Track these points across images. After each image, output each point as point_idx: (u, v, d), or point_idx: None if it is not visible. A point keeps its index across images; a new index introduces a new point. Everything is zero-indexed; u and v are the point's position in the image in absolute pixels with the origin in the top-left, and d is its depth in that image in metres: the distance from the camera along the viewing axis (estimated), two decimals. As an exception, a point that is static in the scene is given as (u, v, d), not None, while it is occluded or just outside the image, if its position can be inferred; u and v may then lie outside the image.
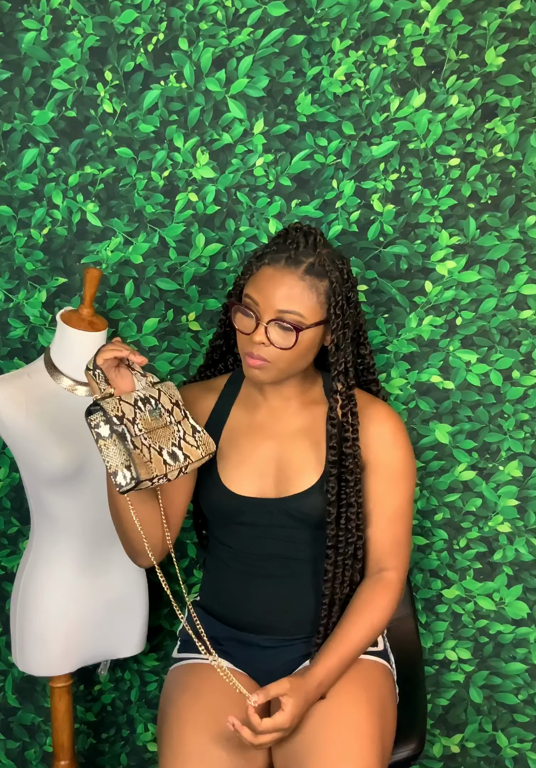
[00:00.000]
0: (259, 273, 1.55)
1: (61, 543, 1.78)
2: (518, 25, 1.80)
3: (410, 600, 1.89)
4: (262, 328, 1.52)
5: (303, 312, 1.52)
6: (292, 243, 1.54)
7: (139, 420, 1.45)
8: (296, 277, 1.52)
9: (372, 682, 1.60)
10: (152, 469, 1.43)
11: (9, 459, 2.00)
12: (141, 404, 1.46)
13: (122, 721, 2.14)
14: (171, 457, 1.47)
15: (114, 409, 1.43)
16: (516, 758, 2.05)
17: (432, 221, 1.87)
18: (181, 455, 1.48)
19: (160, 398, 1.49)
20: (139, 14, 1.83)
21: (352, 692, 1.54)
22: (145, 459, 1.43)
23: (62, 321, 1.77)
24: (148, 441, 1.45)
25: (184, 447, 1.49)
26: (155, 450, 1.45)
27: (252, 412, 1.67)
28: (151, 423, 1.47)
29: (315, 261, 1.53)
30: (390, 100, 1.84)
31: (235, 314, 1.57)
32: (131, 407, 1.45)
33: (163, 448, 1.47)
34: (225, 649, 1.66)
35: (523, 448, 1.93)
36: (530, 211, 1.86)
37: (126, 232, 1.91)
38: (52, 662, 1.82)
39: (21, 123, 1.87)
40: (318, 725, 1.49)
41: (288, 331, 1.52)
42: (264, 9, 1.82)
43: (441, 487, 1.96)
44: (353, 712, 1.51)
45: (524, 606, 1.98)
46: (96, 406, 1.43)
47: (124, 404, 1.44)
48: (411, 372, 1.93)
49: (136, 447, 1.43)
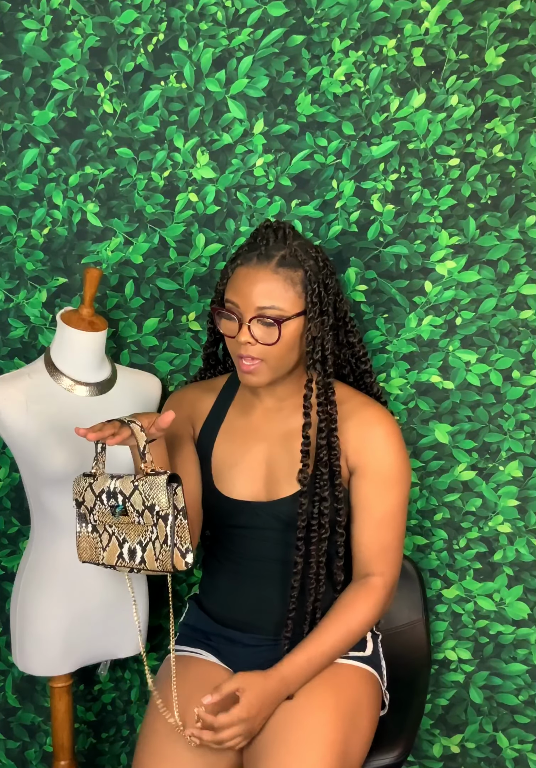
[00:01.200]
0: (234, 275, 1.56)
1: (61, 543, 1.78)
2: (518, 25, 1.80)
3: (423, 606, 1.88)
4: (245, 327, 1.53)
5: (281, 305, 1.53)
6: (262, 240, 1.56)
7: (96, 511, 1.51)
8: (269, 271, 1.53)
9: (345, 688, 1.58)
10: (100, 556, 1.53)
11: (9, 459, 2.00)
12: (105, 497, 1.49)
13: (122, 721, 2.14)
14: (129, 554, 1.50)
15: (77, 493, 1.52)
16: (517, 759, 2.05)
17: (432, 221, 1.87)
18: (139, 556, 1.49)
19: (131, 497, 1.47)
20: (139, 14, 1.83)
21: (320, 696, 1.53)
22: (98, 545, 1.52)
23: (62, 321, 1.77)
24: (112, 529, 1.51)
25: (147, 550, 1.48)
26: (117, 540, 1.51)
27: (247, 415, 1.67)
28: (110, 517, 1.50)
29: (287, 253, 1.55)
30: (390, 101, 1.84)
31: (219, 320, 1.58)
32: (93, 497, 1.51)
33: (127, 542, 1.50)
34: (212, 645, 1.68)
35: (523, 448, 1.93)
36: (530, 211, 1.86)
37: (126, 233, 1.92)
38: (52, 662, 1.82)
39: (21, 123, 1.87)
40: (278, 726, 1.49)
41: (270, 326, 1.53)
42: (264, 9, 1.82)
43: (440, 487, 1.96)
44: (316, 716, 1.50)
45: (524, 606, 1.98)
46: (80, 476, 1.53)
47: (89, 492, 1.51)
48: (411, 372, 1.93)
49: (95, 531, 1.52)
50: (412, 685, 1.79)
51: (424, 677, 1.84)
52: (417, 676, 1.82)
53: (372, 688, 1.64)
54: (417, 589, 1.88)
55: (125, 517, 1.48)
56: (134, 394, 1.85)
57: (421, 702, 1.79)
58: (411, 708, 1.73)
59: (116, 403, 1.82)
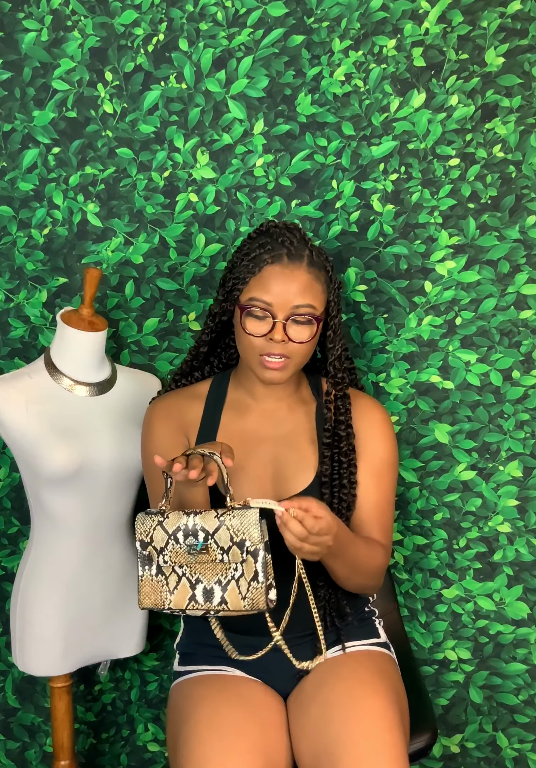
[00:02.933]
0: (265, 273, 1.55)
1: (61, 543, 1.78)
2: (518, 25, 1.80)
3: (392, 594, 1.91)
4: (280, 326, 1.53)
5: (314, 303, 1.55)
6: (283, 239, 1.56)
7: (168, 551, 1.39)
8: (303, 270, 1.55)
9: (385, 672, 1.60)
10: (165, 600, 1.40)
11: (9, 459, 2.00)
12: (181, 535, 1.39)
13: (122, 721, 2.14)
14: (204, 595, 1.39)
15: (143, 533, 1.40)
16: (517, 759, 2.05)
17: (432, 221, 1.88)
18: (217, 596, 1.39)
19: (215, 532, 1.38)
20: (139, 15, 1.83)
21: (371, 682, 1.54)
22: (164, 588, 1.40)
23: (62, 321, 1.78)
24: (182, 570, 1.40)
25: (229, 590, 1.39)
26: (188, 581, 1.40)
27: (243, 417, 1.66)
28: (185, 557, 1.39)
29: (312, 252, 1.57)
30: (390, 101, 1.84)
31: (245, 319, 1.55)
32: (166, 536, 1.39)
33: (201, 582, 1.39)
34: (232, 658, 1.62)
35: (523, 448, 1.93)
36: (530, 211, 1.86)
37: (126, 233, 1.92)
38: (52, 662, 1.82)
39: (21, 123, 1.87)
40: (343, 718, 1.47)
41: (304, 325, 1.55)
42: (264, 9, 1.82)
43: (440, 487, 1.96)
44: (376, 703, 1.49)
45: (524, 606, 1.98)
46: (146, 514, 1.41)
47: (159, 530, 1.39)
48: (411, 372, 1.93)
49: (161, 573, 1.40)
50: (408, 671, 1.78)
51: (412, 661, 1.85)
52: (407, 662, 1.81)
53: (398, 671, 1.67)
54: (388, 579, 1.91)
55: (204, 555, 1.39)
56: (134, 394, 1.85)
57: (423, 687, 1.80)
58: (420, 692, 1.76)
59: (116, 404, 1.82)
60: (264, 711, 1.54)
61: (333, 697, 1.52)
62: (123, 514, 1.84)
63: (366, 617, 1.71)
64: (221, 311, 1.64)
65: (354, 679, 1.55)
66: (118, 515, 1.82)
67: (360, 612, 1.70)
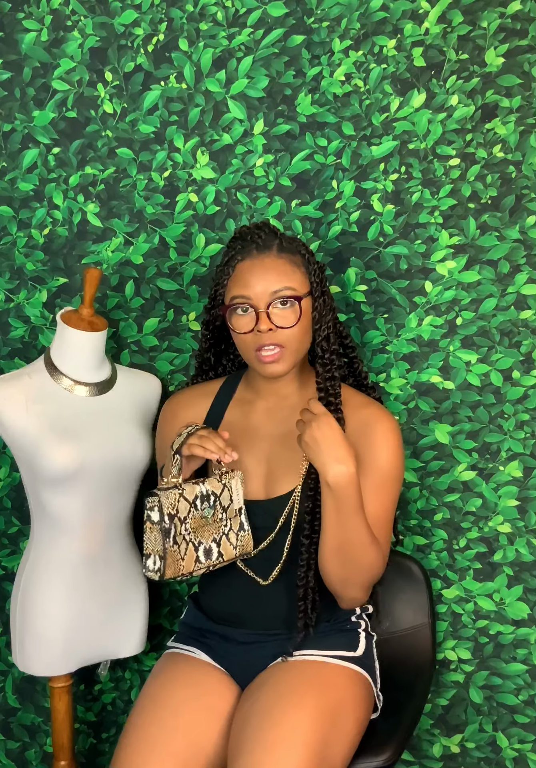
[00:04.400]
0: (238, 271, 1.58)
1: (61, 542, 1.78)
2: (518, 25, 1.80)
3: (429, 609, 1.86)
4: (264, 315, 1.54)
5: (293, 285, 1.56)
6: (252, 236, 1.59)
7: (189, 519, 1.51)
8: (273, 256, 1.57)
9: (329, 687, 1.56)
10: (181, 567, 1.50)
11: (9, 459, 2.00)
12: (199, 502, 1.52)
13: (122, 721, 2.14)
14: (205, 554, 1.53)
15: (170, 506, 1.48)
16: (517, 759, 2.05)
17: (432, 221, 1.87)
18: (215, 552, 1.54)
19: (221, 494, 1.55)
20: (139, 15, 1.83)
21: (300, 695, 1.51)
22: (178, 557, 1.50)
23: (62, 321, 1.78)
24: (189, 536, 1.52)
25: (222, 544, 1.55)
26: (193, 545, 1.52)
27: (247, 414, 1.67)
28: (200, 521, 1.52)
29: (282, 240, 1.59)
30: (390, 101, 1.84)
31: (230, 318, 1.58)
32: (188, 505, 1.51)
33: (202, 543, 1.53)
34: (207, 642, 1.69)
35: (523, 448, 1.93)
36: (530, 211, 1.86)
37: (126, 233, 1.92)
38: (52, 662, 1.82)
39: (21, 123, 1.87)
40: (257, 724, 1.48)
41: (289, 307, 1.55)
42: (264, 9, 1.82)
43: (441, 487, 1.96)
44: (295, 716, 1.47)
45: (524, 606, 1.98)
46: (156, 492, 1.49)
47: (182, 501, 1.50)
48: (411, 372, 1.93)
49: (175, 543, 1.49)
50: (411, 688, 1.76)
51: (425, 682, 1.81)
52: (417, 680, 1.79)
53: (360, 689, 1.61)
54: (424, 591, 1.87)
55: (211, 516, 1.53)
56: (134, 394, 1.85)
57: (419, 707, 1.75)
58: (406, 712, 1.69)
59: (116, 403, 1.82)
60: (210, 696, 1.58)
61: (262, 700, 1.53)
62: (123, 514, 1.84)
63: (348, 628, 1.68)
64: (212, 318, 1.69)
65: (286, 686, 1.54)
66: (118, 515, 1.82)
67: (341, 621, 1.67)
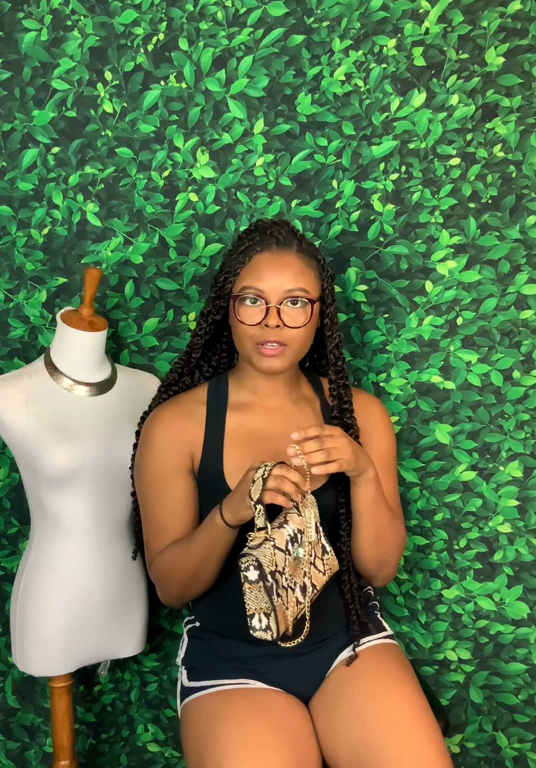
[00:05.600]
0: (254, 262, 1.55)
1: (61, 543, 1.78)
2: (518, 25, 1.80)
3: None
4: (274, 311, 1.52)
5: (307, 287, 1.55)
6: (272, 230, 1.57)
7: (287, 567, 1.39)
8: (293, 255, 1.56)
9: (404, 662, 1.62)
10: (287, 617, 1.38)
11: (9, 459, 2.00)
12: (290, 546, 1.39)
13: (122, 722, 2.14)
14: (302, 592, 1.41)
15: (269, 563, 1.36)
16: (516, 758, 2.05)
17: (433, 221, 1.87)
18: (309, 586, 1.42)
19: (304, 531, 1.41)
20: (139, 14, 1.83)
21: (395, 672, 1.55)
22: (284, 608, 1.38)
23: (62, 321, 1.77)
24: (287, 582, 1.39)
25: (313, 575, 1.43)
26: (290, 589, 1.40)
27: (248, 416, 1.63)
28: (294, 564, 1.40)
29: (301, 241, 1.58)
30: (391, 100, 1.84)
31: (237, 307, 1.55)
32: (283, 555, 1.38)
33: (297, 583, 1.41)
34: (253, 668, 1.58)
35: (524, 448, 1.93)
36: (530, 211, 1.86)
37: (126, 232, 1.91)
38: (52, 662, 1.82)
39: (21, 123, 1.87)
40: (378, 709, 1.48)
41: (300, 308, 1.54)
42: (264, 9, 1.82)
43: (441, 488, 1.96)
44: (408, 690, 1.51)
45: (524, 606, 1.98)
46: (251, 551, 1.36)
47: (278, 553, 1.37)
48: (412, 372, 1.92)
49: (278, 596, 1.37)
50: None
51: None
52: None
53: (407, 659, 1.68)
54: None
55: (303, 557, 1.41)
56: (134, 394, 1.85)
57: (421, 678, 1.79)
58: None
59: (116, 403, 1.82)
60: (291, 721, 1.50)
61: (362, 692, 1.52)
62: (123, 514, 1.83)
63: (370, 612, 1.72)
64: (214, 310, 1.62)
65: (379, 671, 1.55)
66: (117, 515, 1.82)
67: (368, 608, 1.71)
